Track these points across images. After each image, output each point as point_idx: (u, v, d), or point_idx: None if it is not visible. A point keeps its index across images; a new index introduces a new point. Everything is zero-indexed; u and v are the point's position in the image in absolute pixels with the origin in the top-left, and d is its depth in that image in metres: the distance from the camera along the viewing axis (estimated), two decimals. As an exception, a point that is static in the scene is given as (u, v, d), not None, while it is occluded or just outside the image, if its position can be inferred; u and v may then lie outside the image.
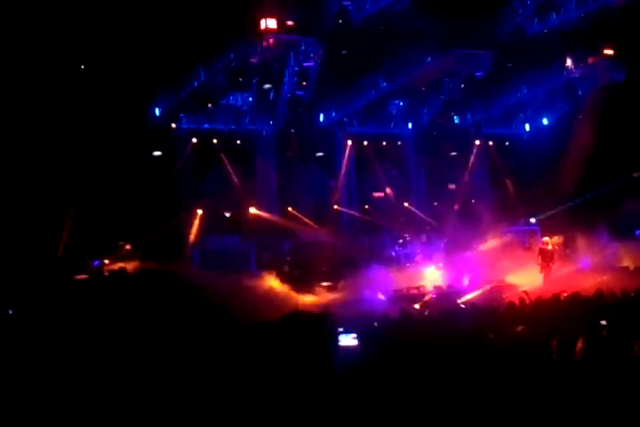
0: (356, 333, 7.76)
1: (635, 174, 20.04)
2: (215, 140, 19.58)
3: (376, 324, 9.82)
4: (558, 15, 16.23)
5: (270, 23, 15.57)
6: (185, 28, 15.34)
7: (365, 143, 21.54)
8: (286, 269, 18.04)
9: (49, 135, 15.67)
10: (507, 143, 23.45)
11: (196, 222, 18.85)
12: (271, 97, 19.14)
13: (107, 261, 16.80)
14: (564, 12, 16.13)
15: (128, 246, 17.25)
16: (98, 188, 16.54)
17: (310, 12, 15.94)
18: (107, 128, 16.10)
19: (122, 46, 15.56)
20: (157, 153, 18.40)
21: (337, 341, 6.91)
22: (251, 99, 19.14)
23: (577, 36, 17.19)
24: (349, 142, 21.17)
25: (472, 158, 22.66)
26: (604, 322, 8.25)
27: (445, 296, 15.29)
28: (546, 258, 17.22)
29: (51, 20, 14.45)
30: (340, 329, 9.32)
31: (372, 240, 20.91)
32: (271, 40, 15.93)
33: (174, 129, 18.81)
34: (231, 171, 19.51)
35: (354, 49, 17.04)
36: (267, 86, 17.98)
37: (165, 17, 15.08)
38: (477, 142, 22.73)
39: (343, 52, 16.56)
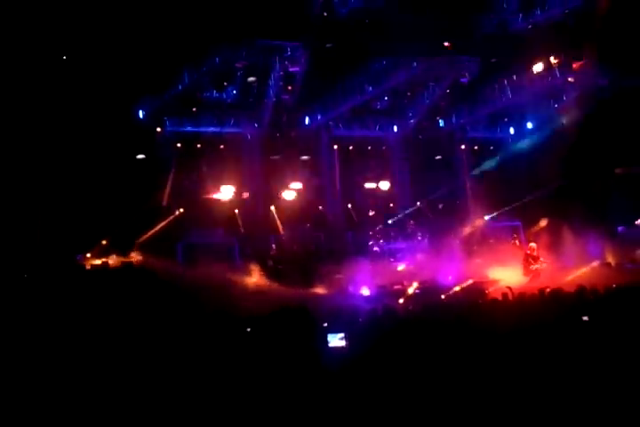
0: (342, 330, 7.73)
1: (617, 170, 20.23)
2: (199, 145, 19.54)
3: (361, 319, 9.84)
4: (543, 11, 16.26)
5: None
6: (169, 31, 15.25)
7: (351, 148, 21.65)
8: (270, 263, 18.00)
9: (31, 133, 15.51)
10: (491, 147, 23.59)
11: (176, 218, 18.79)
12: (256, 99, 19.12)
13: (89, 255, 16.71)
14: (548, 7, 16.16)
15: (104, 242, 17.19)
16: (79, 184, 16.41)
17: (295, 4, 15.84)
18: (91, 128, 15.99)
19: (106, 48, 15.43)
20: (141, 156, 18.27)
21: (326, 341, 6.87)
22: (235, 91, 18.97)
23: (561, 33, 17.24)
24: (335, 147, 21.24)
25: (456, 162, 22.86)
26: (585, 318, 8.34)
27: (429, 291, 15.35)
28: (530, 263, 17.24)
29: (34, 19, 14.27)
30: (325, 324, 9.31)
31: (356, 235, 20.94)
32: None
33: (159, 132, 18.71)
34: (214, 173, 19.45)
35: (339, 46, 16.98)
36: (251, 79, 17.88)
37: (149, 20, 14.95)
38: (462, 147, 22.88)
39: (328, 45, 16.48)
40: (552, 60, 19.20)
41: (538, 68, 18.63)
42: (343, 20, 16.03)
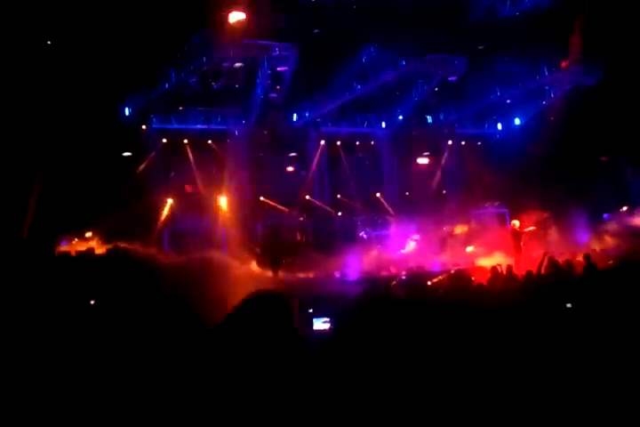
0: (328, 315, 7.73)
1: (602, 158, 20.35)
2: (186, 141, 19.51)
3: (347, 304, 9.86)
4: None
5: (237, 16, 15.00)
6: (156, 29, 15.15)
7: (339, 143, 21.70)
8: (258, 250, 18.01)
9: (18, 130, 15.43)
10: (479, 143, 23.69)
11: (166, 208, 18.75)
12: (244, 96, 19.15)
13: (74, 242, 16.66)
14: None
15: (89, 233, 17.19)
16: (63, 172, 16.36)
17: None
18: (76, 125, 15.94)
19: (93, 46, 15.33)
20: (127, 154, 18.23)
21: (311, 325, 6.91)
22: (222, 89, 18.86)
23: (549, 21, 17.19)
24: (322, 142, 21.31)
25: (445, 156, 23.06)
26: (569, 305, 8.42)
27: (416, 278, 15.43)
28: (517, 240, 17.44)
29: (19, 15, 14.13)
30: (311, 311, 9.32)
31: (344, 222, 20.98)
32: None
33: (144, 130, 18.64)
34: (201, 168, 19.52)
35: (326, 31, 16.84)
36: (238, 65, 17.77)
37: (137, 17, 14.82)
38: (450, 142, 22.98)
39: (316, 31, 16.39)
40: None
41: None
42: (331, 6, 15.92)
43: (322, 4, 15.78)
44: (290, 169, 20.73)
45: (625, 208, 19.32)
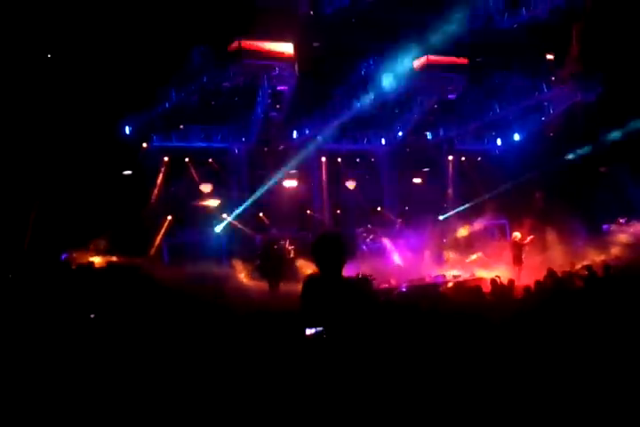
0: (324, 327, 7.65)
1: (601, 169, 20.39)
2: (187, 159, 19.61)
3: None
4: (528, 9, 16.23)
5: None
6: (156, 47, 15.29)
7: (339, 160, 21.78)
8: (257, 262, 18.00)
9: (18, 149, 15.53)
10: (479, 158, 23.80)
11: (165, 225, 18.75)
12: (244, 115, 19.29)
13: (75, 255, 16.66)
14: (533, 5, 16.14)
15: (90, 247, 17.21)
16: (64, 186, 16.43)
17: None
18: (76, 144, 16.04)
19: (93, 65, 15.45)
20: (127, 172, 18.30)
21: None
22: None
23: (546, 34, 17.29)
24: (323, 159, 21.41)
25: (445, 172, 23.16)
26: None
27: (416, 289, 15.42)
28: (518, 252, 17.44)
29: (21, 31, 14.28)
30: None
31: (343, 235, 20.89)
32: None
33: (145, 148, 18.77)
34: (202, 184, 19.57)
35: (326, 45, 16.94)
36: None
37: (137, 35, 14.96)
38: (450, 158, 23.08)
39: (315, 44, 16.50)
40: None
41: None
42: (330, 19, 16.04)
43: (321, 18, 15.87)
44: None
45: (623, 219, 19.32)
